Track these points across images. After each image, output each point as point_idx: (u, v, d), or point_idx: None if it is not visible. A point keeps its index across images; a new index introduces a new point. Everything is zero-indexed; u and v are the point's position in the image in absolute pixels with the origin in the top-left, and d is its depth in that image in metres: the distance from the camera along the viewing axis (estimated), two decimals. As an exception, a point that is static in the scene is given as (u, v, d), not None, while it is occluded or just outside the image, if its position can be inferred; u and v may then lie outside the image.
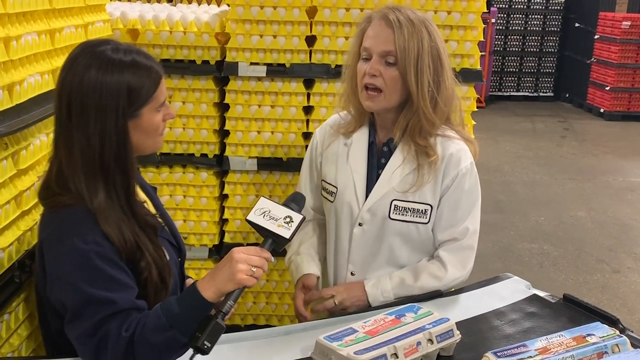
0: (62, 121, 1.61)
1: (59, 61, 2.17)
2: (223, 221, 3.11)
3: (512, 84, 12.15)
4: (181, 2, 4.28)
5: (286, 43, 2.91)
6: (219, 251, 3.07)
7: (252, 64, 2.92)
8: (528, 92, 12.18)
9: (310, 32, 2.92)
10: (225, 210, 3.05)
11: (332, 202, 2.17)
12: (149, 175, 2.99)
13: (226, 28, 2.93)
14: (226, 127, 2.98)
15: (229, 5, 2.95)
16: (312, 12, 2.92)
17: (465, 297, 2.06)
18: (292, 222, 1.63)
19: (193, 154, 3.03)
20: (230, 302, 1.56)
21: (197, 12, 3.05)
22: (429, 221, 2.06)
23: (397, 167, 2.06)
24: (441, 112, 2.02)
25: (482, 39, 2.97)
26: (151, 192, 1.92)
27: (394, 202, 2.05)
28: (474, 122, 3.01)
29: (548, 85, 12.17)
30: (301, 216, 1.65)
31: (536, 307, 1.97)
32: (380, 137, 2.13)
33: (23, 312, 1.94)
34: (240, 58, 2.92)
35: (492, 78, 11.70)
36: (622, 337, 1.62)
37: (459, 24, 2.90)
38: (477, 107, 11.28)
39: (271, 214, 1.64)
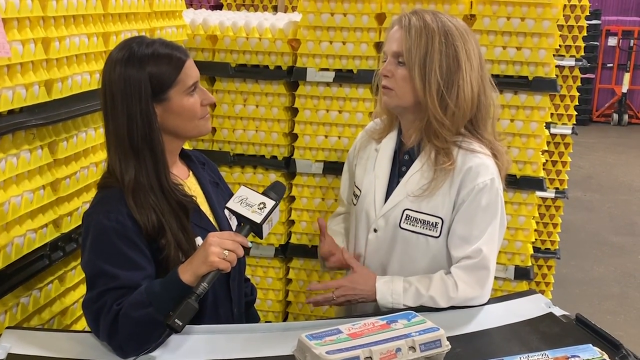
0: (103, 112, 1.82)
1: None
2: (290, 222, 3.18)
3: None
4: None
5: (354, 49, 2.93)
6: (285, 251, 3.14)
7: (321, 69, 2.97)
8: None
9: (379, 38, 2.92)
10: (292, 212, 3.12)
11: (355, 205, 2.19)
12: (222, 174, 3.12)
13: (297, 34, 3.00)
14: (295, 131, 3.06)
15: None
16: (381, 18, 2.93)
17: (479, 310, 1.99)
18: (265, 207, 1.71)
19: (264, 156, 3.12)
20: (204, 285, 1.64)
21: (274, 20, 3.15)
22: (439, 235, 2.02)
23: (415, 171, 2.06)
24: (452, 114, 1.98)
25: (558, 47, 2.83)
26: (207, 184, 2.00)
27: (406, 212, 2.04)
28: (547, 133, 2.87)
29: None
30: (273, 202, 1.72)
31: (547, 326, 1.86)
32: (404, 145, 2.13)
33: (55, 290, 2.11)
34: (310, 64, 2.98)
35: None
36: (605, 360, 1.52)
37: (532, 31, 2.78)
38: (634, 123, 10.46)
39: (247, 201, 1.72)
